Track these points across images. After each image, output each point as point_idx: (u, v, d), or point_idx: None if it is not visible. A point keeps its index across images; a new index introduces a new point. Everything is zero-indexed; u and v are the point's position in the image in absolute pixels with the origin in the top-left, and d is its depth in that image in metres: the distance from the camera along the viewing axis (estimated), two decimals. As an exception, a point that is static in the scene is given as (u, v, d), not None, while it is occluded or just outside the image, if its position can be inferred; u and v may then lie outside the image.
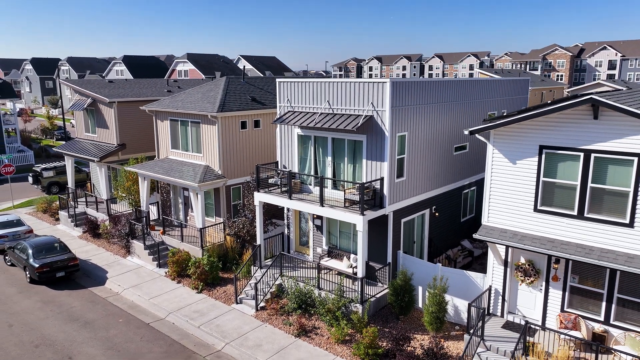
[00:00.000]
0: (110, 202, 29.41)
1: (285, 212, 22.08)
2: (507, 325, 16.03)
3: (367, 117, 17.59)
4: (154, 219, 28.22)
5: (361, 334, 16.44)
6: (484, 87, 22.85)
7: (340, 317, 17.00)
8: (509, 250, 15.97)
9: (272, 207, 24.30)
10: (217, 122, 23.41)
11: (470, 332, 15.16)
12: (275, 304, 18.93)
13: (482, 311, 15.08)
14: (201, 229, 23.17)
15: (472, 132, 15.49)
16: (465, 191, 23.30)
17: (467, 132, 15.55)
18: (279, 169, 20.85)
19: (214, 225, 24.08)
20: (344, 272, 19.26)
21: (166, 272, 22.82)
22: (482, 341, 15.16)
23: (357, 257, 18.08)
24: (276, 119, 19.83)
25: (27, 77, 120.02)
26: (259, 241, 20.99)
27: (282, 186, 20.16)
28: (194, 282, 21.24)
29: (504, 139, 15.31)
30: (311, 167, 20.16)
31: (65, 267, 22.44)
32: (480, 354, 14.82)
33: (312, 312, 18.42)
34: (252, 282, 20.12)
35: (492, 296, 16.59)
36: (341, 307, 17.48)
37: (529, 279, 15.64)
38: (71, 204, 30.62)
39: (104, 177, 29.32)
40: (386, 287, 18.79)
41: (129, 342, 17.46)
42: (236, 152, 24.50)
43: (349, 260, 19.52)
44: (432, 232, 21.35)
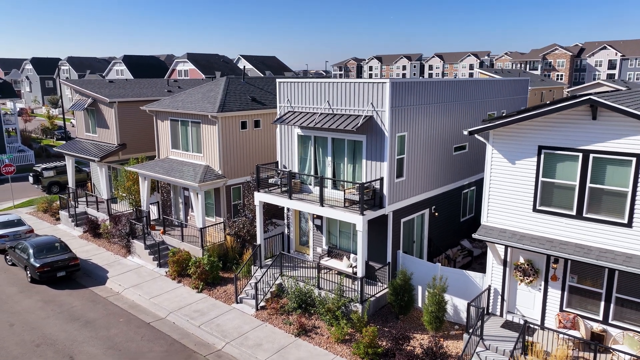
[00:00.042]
0: (110, 202, 29.49)
1: (285, 212, 22.14)
2: (506, 324, 16.10)
3: (367, 117, 17.66)
4: (154, 219, 28.29)
5: (361, 334, 16.50)
6: (483, 87, 22.91)
7: (340, 317, 17.07)
8: (508, 250, 16.04)
9: (272, 207, 24.36)
10: (217, 122, 23.47)
11: (469, 331, 15.24)
12: (275, 303, 19.00)
13: (481, 311, 15.15)
14: (201, 228, 23.24)
15: (472, 133, 15.56)
16: (464, 191, 23.36)
17: (466, 133, 15.62)
18: (279, 169, 20.92)
19: (214, 225, 24.15)
20: (343, 272, 19.33)
21: (166, 272, 22.89)
22: (481, 340, 15.23)
23: (356, 256, 18.14)
24: (276, 119, 19.90)
25: (27, 77, 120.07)
26: (259, 241, 21.06)
27: (282, 186, 20.22)
28: (195, 282, 21.32)
29: (503, 139, 15.37)
30: (311, 167, 20.23)
31: (66, 266, 22.51)
32: (479, 353, 14.89)
33: (312, 312, 18.49)
34: (253, 282, 20.19)
35: (491, 296, 16.65)
36: (341, 307, 17.56)
37: (528, 279, 15.71)
38: (72, 204, 30.69)
39: (105, 177, 29.38)
40: (386, 287, 18.86)
41: (130, 341, 17.53)
42: (236, 152, 24.56)
43: (349, 260, 19.59)
44: (431, 232, 21.41)
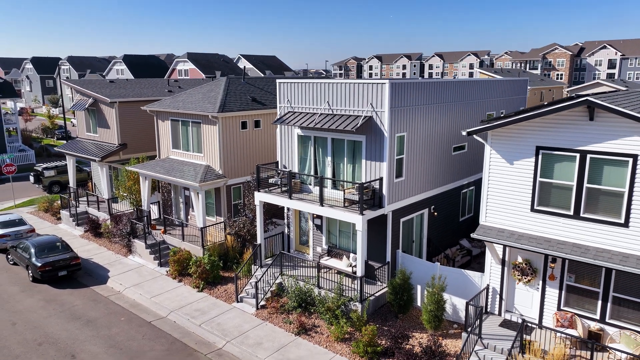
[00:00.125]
0: (111, 202, 29.62)
1: (285, 211, 22.26)
2: (504, 323, 16.23)
3: (367, 117, 17.77)
4: (155, 219, 28.41)
5: (360, 332, 16.64)
6: (482, 87, 23.01)
7: (339, 316, 17.20)
8: (507, 249, 16.16)
9: (273, 207, 24.48)
10: (217, 122, 23.59)
11: (468, 330, 15.36)
12: (275, 302, 19.13)
13: (479, 310, 15.26)
14: (202, 228, 23.37)
15: (470, 133, 15.67)
16: (463, 191, 23.47)
17: (465, 133, 15.73)
18: (279, 169, 21.03)
19: (215, 224, 24.27)
20: (343, 271, 19.45)
21: (167, 271, 23.02)
22: (479, 339, 15.36)
23: (356, 256, 18.26)
24: (276, 120, 20.01)
25: (28, 76, 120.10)
26: (259, 240, 21.17)
27: (282, 186, 20.33)
28: (195, 281, 21.44)
29: (501, 140, 15.49)
30: (311, 167, 20.34)
31: (67, 266, 22.64)
32: (477, 351, 15.02)
33: (312, 311, 18.62)
34: (253, 281, 20.31)
35: (489, 295, 16.78)
36: (341, 306, 17.68)
37: (526, 278, 15.84)
38: (72, 204, 30.80)
39: (105, 177, 29.49)
40: (385, 286, 18.98)
41: (131, 340, 17.66)
42: (237, 152, 24.68)
43: (349, 259, 19.71)
44: (430, 232, 21.53)
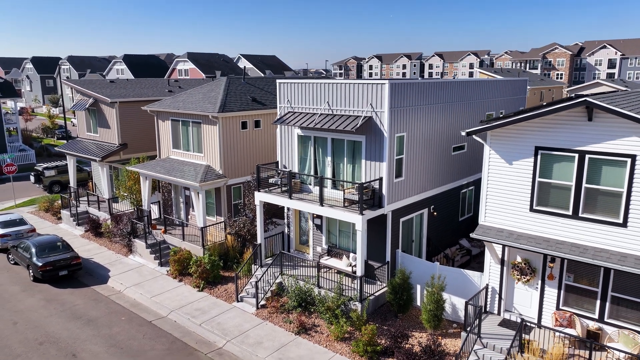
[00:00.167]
0: (112, 201, 29.70)
1: (285, 211, 22.33)
2: (503, 323, 16.30)
3: (366, 118, 17.84)
4: (155, 218, 28.49)
5: (360, 332, 16.71)
6: (482, 87, 23.07)
7: (339, 315, 17.26)
8: (506, 249, 16.22)
9: (273, 207, 24.55)
10: (218, 122, 23.65)
11: (467, 329, 15.44)
12: (275, 302, 19.20)
13: (479, 309, 15.33)
14: (202, 228, 23.44)
15: (469, 134, 15.73)
16: (463, 191, 23.54)
17: (464, 134, 15.80)
18: (279, 169, 21.09)
19: (215, 224, 24.34)
20: (343, 271, 19.52)
21: (168, 271, 23.09)
22: (479, 338, 15.43)
23: (356, 256, 18.32)
24: (276, 120, 20.07)
25: (28, 76, 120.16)
26: (259, 240, 21.24)
27: (283, 186, 20.39)
28: (195, 281, 21.51)
29: (500, 140, 15.55)
30: (311, 167, 20.41)
31: (68, 265, 22.71)
32: (477, 351, 15.09)
33: (312, 310, 18.69)
34: (253, 281, 20.38)
35: (489, 294, 16.84)
36: (340, 305, 17.75)
37: (525, 278, 15.90)
38: (73, 203, 30.85)
39: (106, 177, 29.56)
40: (385, 286, 19.05)
41: (132, 339, 17.74)
42: (237, 152, 24.74)
43: (349, 259, 19.78)
44: (430, 231, 21.60)
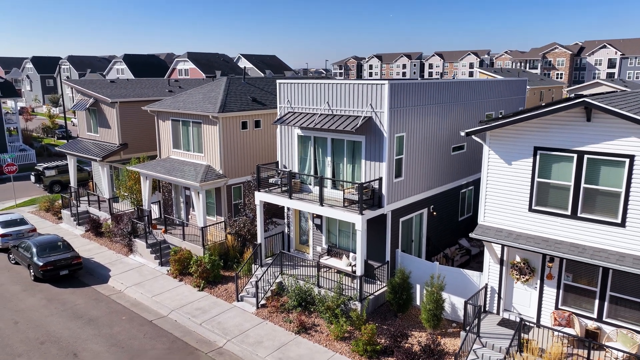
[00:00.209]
0: (112, 201, 29.76)
1: (285, 211, 22.40)
2: (502, 322, 16.37)
3: (366, 118, 17.90)
4: (155, 218, 28.55)
5: (360, 331, 16.77)
6: (481, 88, 23.13)
7: (339, 315, 17.33)
8: (505, 249, 16.29)
9: (273, 207, 24.61)
10: (218, 122, 23.71)
11: (466, 329, 15.51)
12: (275, 301, 19.27)
13: (478, 309, 15.40)
14: (202, 227, 23.50)
15: (469, 134, 15.80)
16: (462, 190, 23.61)
17: (463, 134, 15.86)
18: (279, 169, 21.16)
19: (215, 224, 24.40)
20: (343, 271, 19.59)
21: (168, 271, 23.15)
22: (478, 338, 15.49)
23: (356, 255, 18.39)
24: (276, 120, 20.13)
25: (28, 76, 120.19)
26: (259, 240, 21.31)
27: (283, 186, 20.46)
28: (196, 280, 21.58)
29: (499, 140, 15.62)
30: (311, 167, 20.47)
31: (68, 265, 22.78)
32: (476, 350, 15.16)
33: (312, 310, 18.76)
34: (253, 280, 20.45)
35: (488, 294, 16.92)
36: (340, 305, 17.82)
37: (524, 277, 15.97)
38: (73, 203, 30.94)
39: (106, 177, 29.62)
40: (384, 285, 19.12)
41: (133, 339, 17.81)
42: (237, 152, 24.81)
43: (348, 258, 19.84)
44: (430, 231, 21.67)
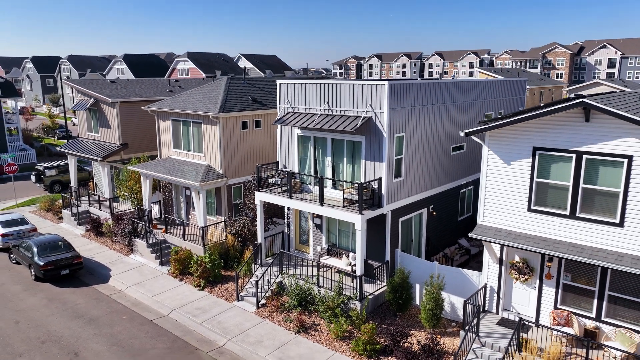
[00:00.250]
0: (112, 201, 29.82)
1: (285, 211, 22.46)
2: (501, 321, 16.43)
3: (366, 118, 17.96)
4: (156, 218, 28.61)
5: (360, 331, 16.83)
6: (481, 88, 23.18)
7: (339, 314, 17.40)
8: (504, 248, 16.36)
9: (273, 206, 24.67)
10: (218, 122, 23.77)
11: (465, 328, 15.57)
12: (275, 301, 19.33)
13: (477, 308, 15.47)
14: (203, 227, 23.56)
15: (468, 134, 15.86)
16: (462, 190, 23.67)
17: (462, 134, 15.93)
18: (279, 169, 21.22)
19: (216, 224, 24.46)
20: (343, 270, 19.65)
21: (168, 270, 23.22)
22: (477, 337, 15.56)
23: (356, 255, 18.46)
24: (276, 120, 20.19)
25: (28, 76, 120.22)
26: (259, 240, 21.37)
27: (283, 186, 20.52)
28: (196, 280, 21.64)
29: (498, 141, 15.68)
30: (311, 167, 20.53)
31: (69, 265, 22.84)
32: (475, 349, 15.23)
33: (312, 309, 18.82)
34: (253, 280, 20.52)
35: (487, 293, 16.98)
36: (340, 304, 17.88)
37: (523, 277, 16.03)
38: (74, 203, 31.00)
39: (107, 176, 29.68)
40: (384, 285, 19.18)
41: (133, 338, 17.87)
42: (237, 152, 24.86)
43: (348, 258, 19.90)
44: (429, 231, 21.73)
